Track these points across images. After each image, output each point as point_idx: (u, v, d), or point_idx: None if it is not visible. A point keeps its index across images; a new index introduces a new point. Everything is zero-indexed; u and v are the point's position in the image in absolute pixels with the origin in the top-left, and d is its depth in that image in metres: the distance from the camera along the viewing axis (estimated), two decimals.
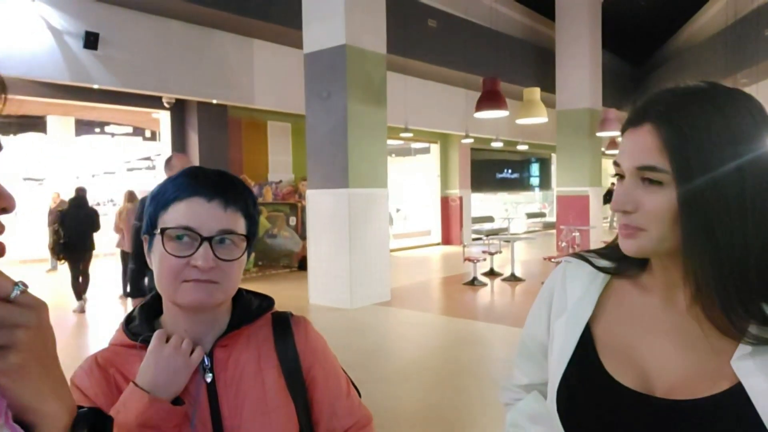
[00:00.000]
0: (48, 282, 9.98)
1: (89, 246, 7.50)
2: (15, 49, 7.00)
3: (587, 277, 0.87)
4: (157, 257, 0.88)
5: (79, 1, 7.45)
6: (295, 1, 7.76)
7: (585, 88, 12.77)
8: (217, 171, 0.93)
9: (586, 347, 0.83)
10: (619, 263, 0.85)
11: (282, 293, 8.11)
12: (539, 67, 13.84)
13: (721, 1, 14.05)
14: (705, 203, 0.69)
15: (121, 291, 8.04)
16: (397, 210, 16.41)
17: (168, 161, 3.74)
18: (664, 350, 0.77)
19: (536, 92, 9.47)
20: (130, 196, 8.26)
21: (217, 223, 0.87)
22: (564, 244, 11.32)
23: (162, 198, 0.90)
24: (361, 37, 7.38)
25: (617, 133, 12.06)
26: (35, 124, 15.34)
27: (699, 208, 0.69)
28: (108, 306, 7.94)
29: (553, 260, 8.94)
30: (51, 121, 14.26)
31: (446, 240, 15.43)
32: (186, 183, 0.89)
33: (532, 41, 14.30)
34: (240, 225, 0.90)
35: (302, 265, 10.03)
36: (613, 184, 21.06)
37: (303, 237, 7.88)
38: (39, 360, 0.49)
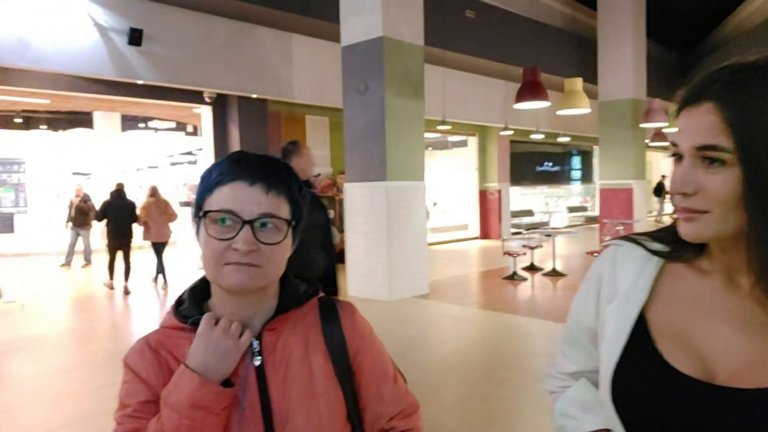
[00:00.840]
0: (79, 273, 10.33)
1: (128, 234, 8.23)
2: (64, 47, 7.24)
3: (639, 261, 0.84)
4: (201, 241, 0.89)
5: None
6: None
7: (628, 78, 12.42)
8: (261, 155, 0.93)
9: (641, 334, 0.80)
10: (674, 246, 0.82)
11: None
12: (581, 57, 13.52)
13: None
14: None
15: (156, 276, 8.75)
16: (434, 204, 16.30)
17: (295, 149, 3.48)
18: (724, 335, 0.74)
19: (578, 82, 9.26)
20: (153, 191, 8.71)
21: (259, 206, 0.86)
22: (607, 238, 11.04)
23: (207, 182, 0.90)
24: (398, 29, 7.34)
25: (663, 124, 11.72)
26: (83, 119, 15.89)
27: (765, 188, 0.66)
28: (143, 291, 8.44)
29: (595, 255, 8.73)
30: (98, 116, 14.73)
31: (484, 234, 15.28)
32: (229, 167, 0.89)
33: (573, 30, 13.98)
34: (283, 209, 0.89)
35: (340, 257, 10.08)
36: (663, 176, 20.47)
37: (341, 230, 7.96)
38: None
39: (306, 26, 9.12)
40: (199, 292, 0.96)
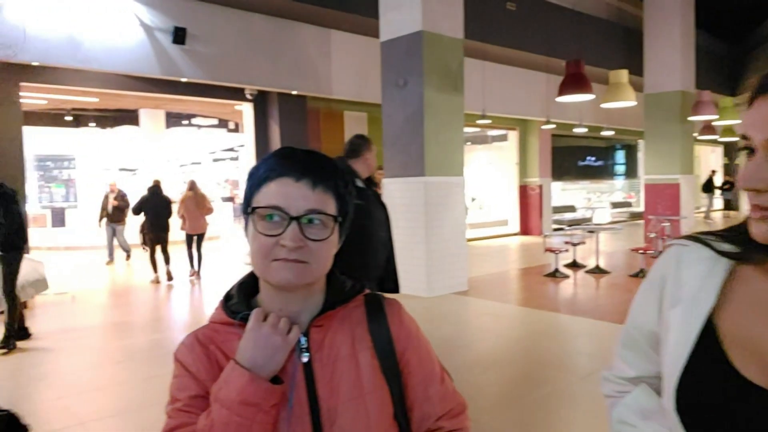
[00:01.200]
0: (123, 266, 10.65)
1: (165, 228, 8.66)
2: (112, 47, 7.46)
3: (707, 263, 0.79)
4: (250, 237, 0.89)
5: None
6: None
7: (676, 70, 11.98)
8: (307, 151, 0.92)
9: (709, 340, 0.75)
10: (745, 248, 0.76)
11: None
12: (626, 48, 13.14)
13: None
14: None
15: (189, 268, 9.17)
16: (473, 199, 16.13)
17: (365, 143, 3.39)
18: None
19: (623, 74, 8.99)
20: (191, 185, 9.11)
21: (306, 202, 0.86)
22: (653, 234, 10.71)
23: (255, 178, 0.90)
24: (438, 23, 7.27)
25: (712, 116, 11.29)
26: (129, 117, 16.37)
27: None
28: (186, 283, 8.82)
29: (640, 252, 8.49)
30: (143, 114, 15.13)
31: (524, 230, 15.05)
32: (276, 163, 0.89)
33: (618, 21, 13.58)
34: (329, 205, 0.89)
35: None
36: (713, 172, 19.74)
37: None
38: None
39: (345, 22, 9.14)
40: (248, 288, 0.97)
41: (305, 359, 0.89)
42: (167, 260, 8.71)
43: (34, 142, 16.64)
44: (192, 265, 9.04)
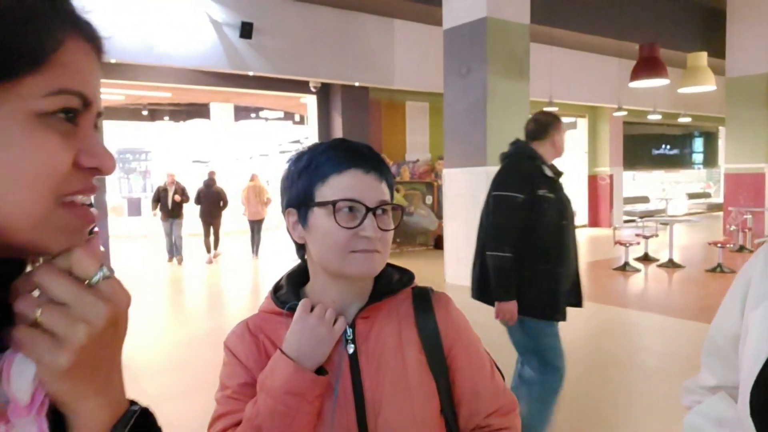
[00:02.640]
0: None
1: (217, 215, 9.88)
2: (183, 43, 7.75)
3: None
4: (319, 230, 0.88)
5: None
6: None
7: (762, 51, 11.16)
8: (364, 144, 0.93)
9: None
10: None
11: (418, 271, 8.18)
12: (705, 29, 12.35)
13: None
14: None
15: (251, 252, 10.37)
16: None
17: (555, 122, 2.92)
18: None
19: (702, 57, 8.50)
20: (253, 177, 10.34)
21: (378, 194, 0.89)
22: (733, 227, 10.09)
23: (318, 171, 0.89)
24: (502, 8, 7.09)
25: None
26: (201, 111, 17.00)
27: None
28: (242, 268, 9.60)
29: (719, 246, 8.02)
30: (213, 107, 15.67)
31: (594, 222, 14.55)
32: (342, 156, 0.89)
33: (697, 0, 12.79)
34: (389, 195, 0.92)
35: (438, 243, 10.08)
36: None
37: (439, 216, 7.90)
38: (92, 361, 0.43)
39: (408, 11, 9.08)
40: (296, 278, 0.98)
41: (351, 350, 0.89)
42: (216, 242, 10.03)
43: (114, 135, 17.63)
44: (254, 247, 10.22)
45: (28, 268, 0.45)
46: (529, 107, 7.61)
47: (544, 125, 2.86)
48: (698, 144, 18.95)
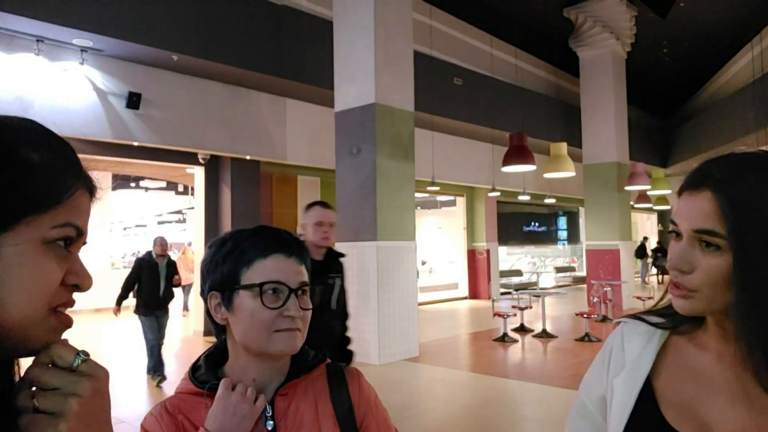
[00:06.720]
0: None
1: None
2: (64, 109, 7.39)
3: (644, 335, 0.89)
4: (245, 311, 0.94)
5: (124, 64, 7.88)
6: (328, 64, 8.10)
7: (611, 143, 12.80)
8: (284, 230, 1.02)
9: (647, 401, 0.83)
10: (674, 319, 0.87)
11: None
12: (565, 121, 13.97)
13: (747, 55, 14.15)
14: (759, 270, 0.71)
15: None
16: (423, 263, 16.33)
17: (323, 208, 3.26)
18: (722, 406, 0.78)
19: (563, 147, 9.51)
20: (183, 249, 10.67)
21: (299, 276, 0.96)
22: (596, 299, 11.08)
23: (243, 256, 0.96)
24: (390, 96, 7.61)
25: (646, 186, 12.01)
26: None
27: (753, 275, 0.71)
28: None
29: (585, 316, 8.76)
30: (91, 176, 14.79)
31: (473, 294, 15.25)
32: (266, 241, 0.97)
33: (557, 97, 14.51)
34: (308, 277, 0.99)
35: None
36: (645, 238, 20.74)
37: None
38: (87, 427, 0.52)
39: (300, 92, 9.40)
40: (214, 359, 1.01)
41: (270, 427, 0.93)
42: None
43: None
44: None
45: (15, 369, 0.55)
46: (414, 186, 8.08)
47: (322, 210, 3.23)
48: (562, 222, 20.85)
